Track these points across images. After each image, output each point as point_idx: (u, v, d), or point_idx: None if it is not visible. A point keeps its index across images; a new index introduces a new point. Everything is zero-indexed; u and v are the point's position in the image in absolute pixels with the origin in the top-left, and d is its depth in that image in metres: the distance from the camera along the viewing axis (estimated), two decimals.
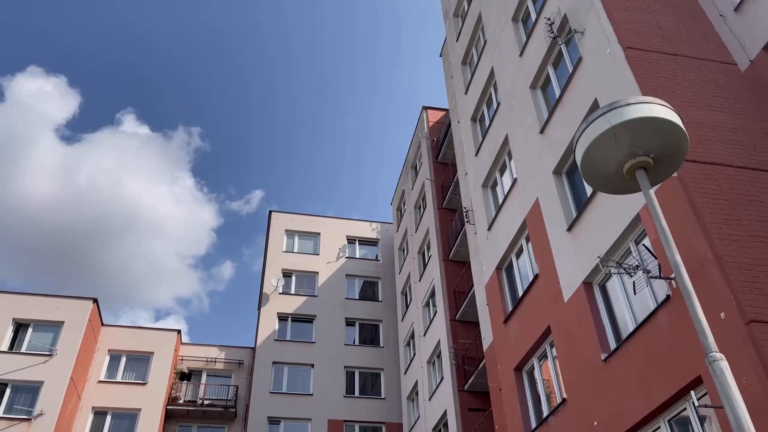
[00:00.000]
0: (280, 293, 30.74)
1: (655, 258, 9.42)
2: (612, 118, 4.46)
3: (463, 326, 22.55)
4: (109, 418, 25.78)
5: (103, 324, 27.97)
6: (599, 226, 11.52)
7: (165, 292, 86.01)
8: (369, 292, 32.46)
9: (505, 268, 16.20)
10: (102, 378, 26.66)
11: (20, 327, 25.80)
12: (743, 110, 10.90)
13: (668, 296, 9.42)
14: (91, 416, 25.62)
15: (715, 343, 7.95)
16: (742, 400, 3.42)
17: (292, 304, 30.57)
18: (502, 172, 17.17)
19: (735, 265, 8.46)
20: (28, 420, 23.12)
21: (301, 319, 30.43)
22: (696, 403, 7.37)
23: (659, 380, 9.39)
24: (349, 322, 30.84)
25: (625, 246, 10.85)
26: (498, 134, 17.01)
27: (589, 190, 12.33)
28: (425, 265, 26.72)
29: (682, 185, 9.35)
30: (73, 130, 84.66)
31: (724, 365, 3.50)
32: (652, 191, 4.50)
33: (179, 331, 28.90)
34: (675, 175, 9.50)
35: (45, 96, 78.03)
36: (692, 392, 7.67)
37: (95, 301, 26.84)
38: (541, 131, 14.35)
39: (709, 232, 8.73)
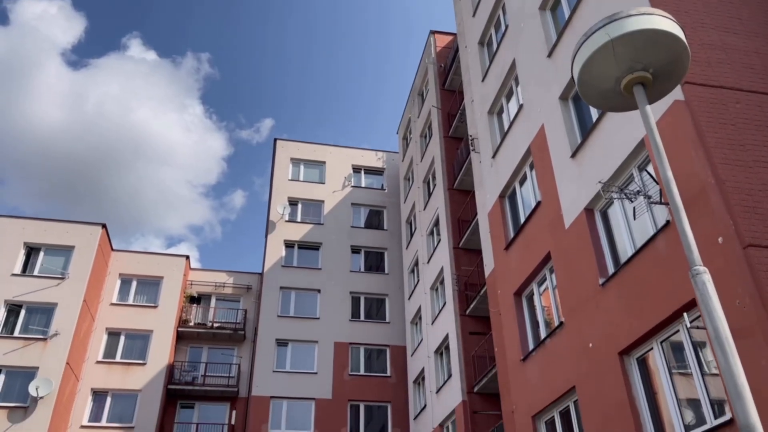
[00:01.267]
0: (286, 221, 31.05)
1: (657, 183, 9.37)
2: (611, 30, 4.31)
3: (466, 254, 22.83)
4: (122, 338, 26.72)
5: (112, 249, 28.51)
6: (603, 153, 11.41)
7: (177, 220, 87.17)
8: (374, 220, 32.72)
9: (508, 195, 16.21)
10: (114, 301, 27.44)
11: (32, 251, 26.36)
12: (758, 32, 10.52)
13: (668, 221, 9.43)
14: (105, 337, 26.55)
15: (714, 269, 8.05)
16: (723, 312, 3.48)
17: (298, 232, 30.93)
18: (508, 99, 16.87)
19: (736, 190, 8.42)
20: (44, 340, 24.01)
21: (308, 247, 30.86)
22: (688, 325, 7.50)
23: (654, 303, 9.55)
24: (355, 250, 31.27)
25: (628, 172, 10.78)
26: (505, 58, 16.61)
27: (594, 115, 12.14)
28: (430, 194, 26.77)
29: (688, 109, 9.17)
30: (79, 55, 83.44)
31: (707, 278, 3.54)
32: (648, 108, 4.40)
33: (188, 257, 29.45)
34: (682, 98, 9.31)
35: (50, 19, 76.47)
36: (685, 314, 7.79)
37: (104, 226, 27.24)
38: (549, 55, 13.99)
39: (712, 157, 8.63)
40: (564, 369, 12.11)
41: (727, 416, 8.07)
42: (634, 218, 10.15)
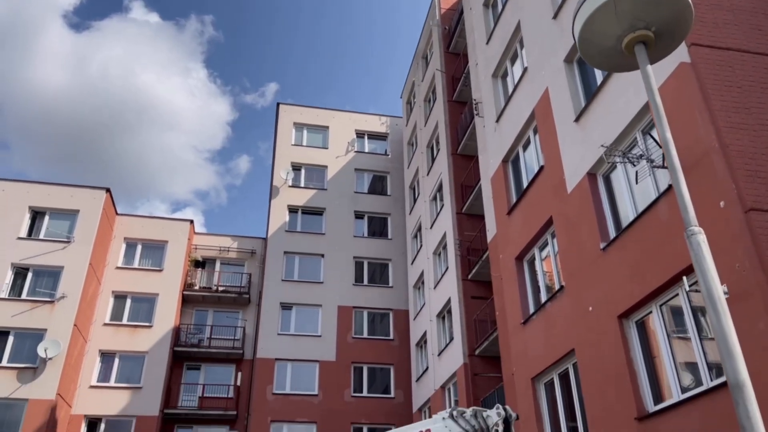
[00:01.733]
0: (289, 186, 31.05)
1: (661, 147, 9.29)
2: None
3: (469, 219, 22.85)
4: (128, 301, 27.06)
5: (117, 213, 28.65)
6: (607, 116, 11.30)
7: (182, 185, 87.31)
8: (378, 186, 32.68)
9: (511, 160, 16.13)
10: (119, 264, 27.70)
11: (37, 215, 26.52)
12: None
13: (671, 186, 9.39)
14: (111, 299, 26.89)
15: (716, 233, 8.04)
16: (716, 273, 3.49)
17: (301, 197, 30.95)
18: (512, 62, 16.65)
19: (740, 154, 8.35)
20: (51, 302, 24.35)
21: (311, 212, 30.93)
22: (687, 288, 7.52)
23: (654, 267, 9.58)
24: (358, 215, 31.32)
25: (632, 136, 10.69)
26: (510, 20, 16.32)
27: (599, 78, 11.98)
28: (433, 159, 26.66)
29: (694, 71, 9.04)
30: (81, 17, 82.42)
31: (702, 239, 3.54)
32: (649, 67, 4.34)
33: (192, 221, 29.60)
34: (688, 60, 9.16)
35: None
36: (684, 278, 7.81)
37: (108, 190, 27.33)
38: (555, 17, 13.74)
39: (716, 120, 8.54)
40: (564, 332, 12.23)
41: (725, 378, 8.16)
42: (637, 182, 10.10)
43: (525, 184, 14.92)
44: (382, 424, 25.22)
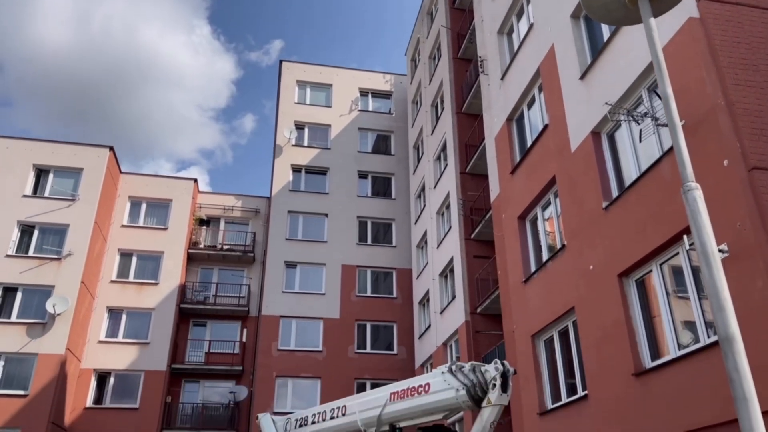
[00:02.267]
0: (293, 145, 30.92)
1: None
2: None
3: (473, 179, 22.80)
4: (134, 259, 27.34)
5: (121, 172, 28.68)
6: (613, 73, 11.13)
7: (187, 144, 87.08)
8: (381, 145, 32.50)
9: (515, 119, 15.99)
10: (125, 223, 27.88)
11: (41, 173, 26.59)
12: None
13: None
14: (117, 257, 27.17)
15: (718, 191, 8.01)
16: (711, 228, 3.49)
17: (305, 156, 30.85)
18: (519, 17, 16.32)
19: (746, 112, 8.25)
20: (58, 259, 24.62)
21: (315, 171, 30.87)
22: (687, 247, 7.53)
23: (656, 226, 9.59)
24: (362, 175, 31.26)
25: (638, 93, 10.56)
26: None
27: (606, 34, 11.76)
28: (438, 118, 26.44)
29: (703, 26, 8.85)
30: None
31: (698, 194, 3.54)
32: (653, 21, 4.26)
33: (195, 180, 29.62)
34: (697, 15, 8.97)
35: None
36: (685, 237, 7.83)
37: (111, 149, 27.30)
38: None
39: (723, 77, 8.41)
40: (564, 290, 12.34)
41: None
42: (640, 141, 10.02)
43: (529, 143, 14.82)
44: (384, 380, 25.62)
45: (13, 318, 23.67)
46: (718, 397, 7.99)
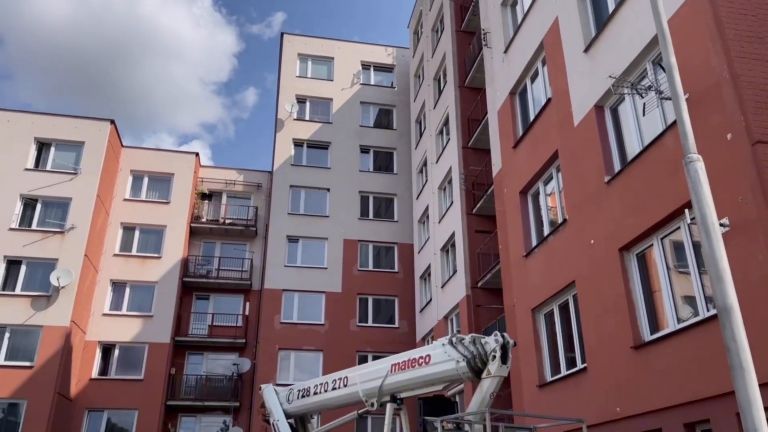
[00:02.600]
0: (294, 119, 30.77)
1: None
2: None
3: (475, 153, 22.72)
4: (137, 233, 27.43)
5: (122, 145, 28.62)
6: (618, 46, 11.02)
7: (189, 118, 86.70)
8: (383, 119, 32.33)
9: (518, 92, 15.87)
10: (127, 196, 27.92)
11: (43, 146, 26.54)
12: None
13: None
14: (120, 231, 27.26)
15: (722, 165, 7.97)
16: (712, 199, 3.49)
17: (306, 131, 30.72)
18: None
19: (750, 85, 8.18)
20: (61, 233, 24.72)
21: (316, 146, 30.77)
22: (689, 220, 7.53)
23: (658, 200, 9.58)
24: (364, 150, 31.16)
25: (642, 67, 10.46)
26: None
27: (611, 6, 11.60)
28: (440, 92, 26.24)
29: None
30: None
31: (699, 166, 3.53)
32: None
33: (197, 154, 29.58)
34: None
35: None
36: (686, 211, 7.82)
37: (112, 122, 27.20)
38: None
39: (729, 50, 8.32)
40: (565, 264, 12.39)
41: None
42: (644, 114, 9.96)
43: (532, 117, 14.74)
44: (385, 353, 25.80)
45: (18, 291, 23.86)
46: (715, 369, 8.07)
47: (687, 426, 8.64)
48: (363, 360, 25.63)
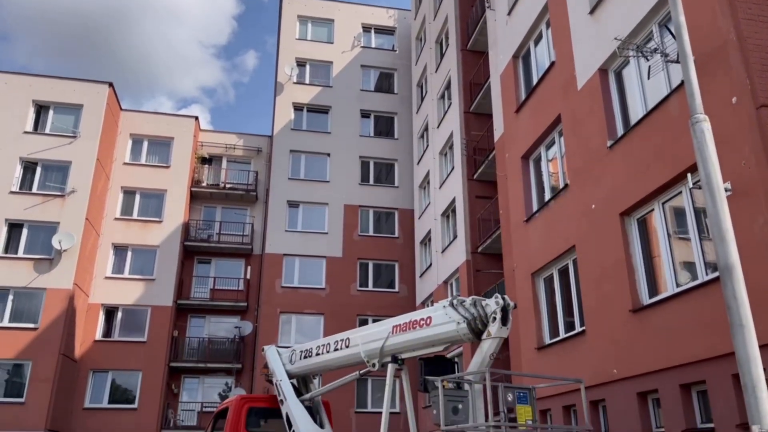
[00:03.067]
0: (294, 83, 30.45)
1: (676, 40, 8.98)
2: None
3: (477, 118, 22.55)
4: (138, 197, 27.43)
5: (121, 109, 28.40)
6: (623, 8, 10.84)
7: (188, 81, 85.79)
8: (384, 83, 31.99)
9: (522, 56, 15.69)
10: (127, 160, 27.82)
11: (41, 109, 26.34)
12: None
13: (683, 81, 9.16)
14: (120, 195, 27.26)
15: (725, 129, 7.93)
16: (717, 160, 3.49)
17: (306, 94, 30.44)
18: None
19: (757, 48, 8.08)
20: (62, 196, 24.72)
21: (316, 110, 30.53)
22: (691, 185, 7.53)
23: (660, 165, 9.56)
24: (364, 114, 30.92)
25: (648, 29, 10.32)
26: None
27: None
28: (442, 56, 25.91)
29: None
30: None
31: (706, 126, 3.52)
32: None
33: (197, 118, 29.36)
34: None
35: None
36: (689, 175, 7.83)
37: (111, 85, 26.94)
38: None
39: (736, 11, 8.19)
40: (565, 229, 12.43)
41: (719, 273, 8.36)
42: (649, 78, 9.85)
43: (535, 81, 14.59)
44: (386, 316, 26.11)
45: (20, 254, 23.99)
46: (712, 332, 8.18)
47: (683, 387, 8.80)
48: (363, 323, 25.83)
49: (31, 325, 22.97)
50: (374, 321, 26.31)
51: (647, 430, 9.55)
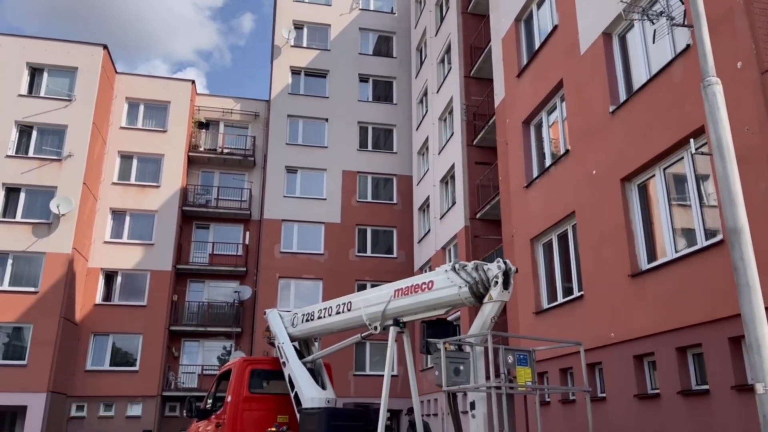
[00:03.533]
0: (291, 46, 30.02)
1: (683, 3, 8.86)
2: None
3: (477, 83, 22.36)
4: (135, 161, 27.30)
5: (116, 72, 28.03)
6: None
7: (183, 44, 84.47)
8: (383, 47, 31.57)
9: (524, 19, 15.48)
10: (123, 124, 27.58)
11: (35, 71, 25.97)
12: None
13: (688, 45, 9.09)
14: (118, 159, 27.11)
15: (729, 94, 7.89)
16: (728, 123, 3.49)
17: (304, 58, 30.05)
18: None
19: (763, 12, 8.00)
20: (59, 160, 24.58)
21: (314, 74, 30.18)
22: (693, 150, 7.51)
23: (663, 130, 9.55)
24: (363, 78, 30.60)
25: None
26: None
27: None
28: (442, 19, 25.52)
29: None
30: None
31: (718, 89, 3.51)
32: None
33: (193, 81, 29.01)
34: None
35: None
36: (692, 140, 7.80)
37: (105, 47, 26.52)
38: None
39: None
40: (565, 195, 12.46)
41: (719, 237, 8.43)
42: (654, 42, 9.75)
43: (537, 45, 14.43)
44: (384, 281, 26.30)
45: (18, 218, 23.97)
46: (709, 297, 8.30)
47: (679, 350, 8.96)
48: (362, 289, 26.14)
49: (32, 289, 23.10)
50: (372, 286, 26.54)
51: (642, 391, 9.76)
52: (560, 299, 12.67)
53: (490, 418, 6.85)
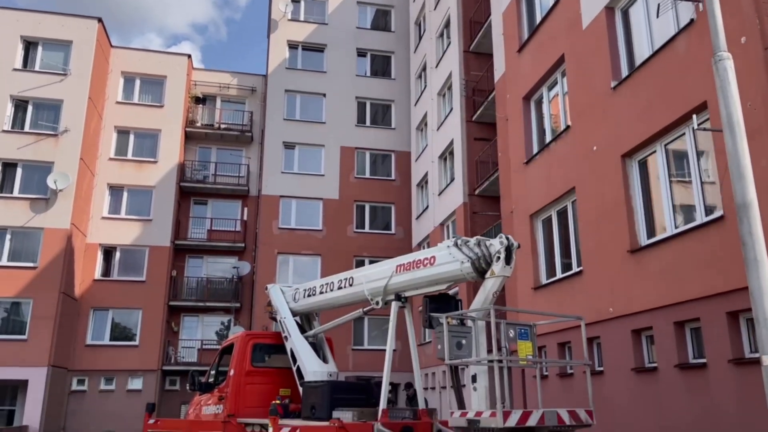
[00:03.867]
0: (289, 20, 29.67)
1: None
2: None
3: (477, 58, 22.19)
4: (132, 137, 27.13)
5: (112, 45, 27.70)
6: None
7: (178, 17, 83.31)
8: (381, 21, 31.23)
9: None
10: (119, 99, 27.35)
11: (30, 45, 25.64)
12: None
13: (692, 20, 9.03)
14: (114, 135, 26.94)
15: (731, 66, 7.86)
16: (738, 98, 3.50)
17: (301, 32, 29.72)
18: None
19: None
20: (55, 135, 24.41)
21: (312, 48, 29.88)
22: (695, 126, 7.49)
23: (665, 106, 9.54)
24: (361, 53, 30.31)
25: None
26: None
27: None
28: None
29: None
30: None
31: (729, 65, 3.51)
32: None
33: (189, 56, 28.72)
34: None
35: None
36: (694, 116, 7.80)
37: (100, 20, 26.16)
38: None
39: None
40: (566, 171, 12.48)
41: (718, 213, 8.48)
42: (658, 16, 9.69)
43: (538, 19, 14.31)
44: (382, 257, 26.44)
45: (16, 193, 23.88)
46: (709, 272, 8.37)
47: (677, 324, 9.08)
48: (360, 265, 26.16)
49: (31, 264, 23.12)
50: (371, 262, 26.68)
51: (640, 364, 9.90)
52: (559, 275, 12.76)
53: (492, 391, 6.95)
